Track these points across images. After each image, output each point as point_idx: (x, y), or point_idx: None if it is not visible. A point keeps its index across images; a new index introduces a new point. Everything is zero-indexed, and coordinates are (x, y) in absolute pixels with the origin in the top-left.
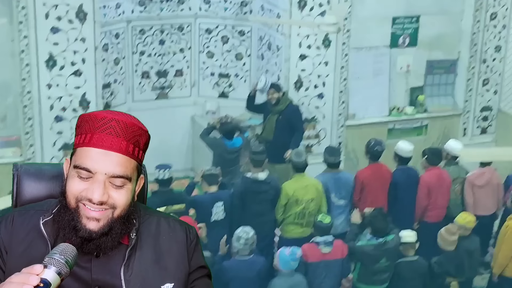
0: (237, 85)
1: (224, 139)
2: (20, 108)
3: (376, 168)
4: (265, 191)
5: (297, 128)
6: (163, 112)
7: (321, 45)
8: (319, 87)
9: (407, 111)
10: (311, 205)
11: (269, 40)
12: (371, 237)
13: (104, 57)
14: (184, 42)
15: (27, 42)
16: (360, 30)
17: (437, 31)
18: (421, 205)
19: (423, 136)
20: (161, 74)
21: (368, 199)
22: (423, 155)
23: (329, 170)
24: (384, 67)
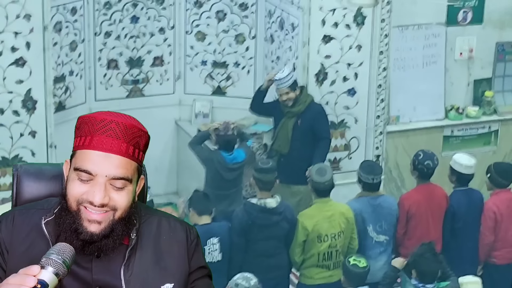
0: (237, 77)
1: (223, 152)
2: None
3: (427, 190)
4: (275, 224)
5: (322, 136)
6: (136, 115)
7: (352, 23)
8: (349, 80)
9: (470, 113)
10: (340, 241)
11: (281, 16)
12: (417, 284)
13: (57, 41)
14: (165, 19)
15: None
16: (406, 1)
17: (511, 3)
18: (486, 241)
19: (492, 146)
20: (133, 64)
21: (416, 232)
22: (487, 173)
23: (365, 193)
24: (438, 52)
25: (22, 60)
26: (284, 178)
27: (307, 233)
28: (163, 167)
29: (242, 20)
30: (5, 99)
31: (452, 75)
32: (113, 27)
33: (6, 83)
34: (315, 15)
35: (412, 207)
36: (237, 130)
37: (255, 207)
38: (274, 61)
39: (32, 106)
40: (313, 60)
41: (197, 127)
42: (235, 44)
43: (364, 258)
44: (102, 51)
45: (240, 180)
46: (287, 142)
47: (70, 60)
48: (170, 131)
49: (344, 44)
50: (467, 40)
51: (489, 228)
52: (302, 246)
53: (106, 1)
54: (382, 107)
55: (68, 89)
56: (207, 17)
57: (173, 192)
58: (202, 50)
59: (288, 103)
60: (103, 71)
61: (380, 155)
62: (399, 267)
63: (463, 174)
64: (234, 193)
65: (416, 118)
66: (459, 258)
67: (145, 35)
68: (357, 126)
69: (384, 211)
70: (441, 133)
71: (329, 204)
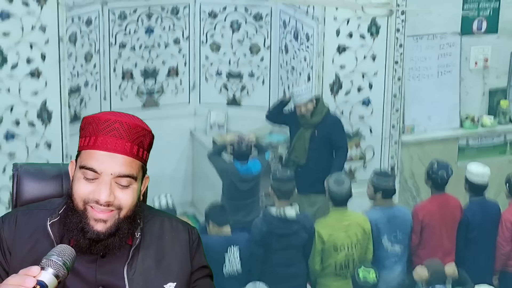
0: (252, 88)
1: (236, 163)
2: None
3: (442, 200)
4: (294, 233)
5: (340, 146)
6: (151, 125)
7: (366, 33)
8: (364, 89)
9: (485, 122)
10: (356, 251)
11: (296, 26)
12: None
13: (72, 52)
14: (180, 29)
15: None
16: (420, 11)
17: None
18: (503, 251)
19: (508, 156)
20: (149, 74)
21: (430, 242)
22: (506, 183)
23: (380, 202)
24: (453, 61)
25: (38, 71)
26: (302, 188)
27: (323, 242)
28: (178, 177)
29: (257, 31)
30: (21, 110)
31: (467, 85)
32: (128, 37)
33: (21, 94)
34: (330, 25)
35: (426, 217)
36: (255, 142)
37: (274, 217)
38: (289, 71)
39: (48, 117)
40: (327, 70)
41: (212, 137)
42: (250, 54)
43: (374, 269)
44: (117, 62)
45: (257, 190)
46: (305, 152)
47: (86, 71)
48: (185, 141)
49: (358, 54)
50: (482, 49)
51: (505, 238)
52: (321, 255)
53: (121, 12)
54: (397, 117)
55: (84, 100)
56: (222, 28)
57: (188, 202)
58: (217, 60)
59: (307, 115)
60: (118, 82)
61: (395, 165)
62: (423, 277)
63: (476, 183)
64: (250, 203)
65: (431, 128)
66: (474, 268)
67: (160, 45)
68: (372, 135)
69: (398, 221)
70: (456, 143)
71: (346, 213)
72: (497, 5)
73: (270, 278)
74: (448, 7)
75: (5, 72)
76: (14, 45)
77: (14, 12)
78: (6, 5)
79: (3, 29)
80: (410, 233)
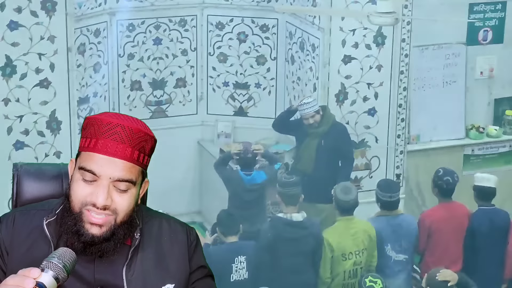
0: (258, 98)
1: (240, 172)
2: None
3: (449, 208)
4: (302, 238)
5: (346, 155)
6: (160, 135)
7: (372, 43)
8: (370, 99)
9: (491, 132)
10: (363, 258)
11: (302, 37)
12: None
13: (81, 62)
14: (188, 41)
15: None
16: (426, 21)
17: None
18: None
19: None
20: (157, 85)
21: (437, 250)
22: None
23: (384, 212)
24: (458, 71)
25: (47, 81)
26: (309, 197)
27: (332, 249)
28: (186, 187)
29: (263, 42)
30: (30, 120)
31: (472, 95)
32: (136, 48)
33: (31, 104)
34: (336, 36)
35: (433, 224)
36: (264, 153)
37: (282, 221)
38: (295, 82)
39: (57, 127)
40: (333, 80)
41: (219, 147)
42: (257, 65)
43: (381, 278)
44: (126, 73)
45: (261, 201)
46: (311, 162)
47: (94, 82)
48: (193, 151)
49: (364, 64)
50: (487, 59)
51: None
52: (331, 263)
53: (129, 23)
54: (403, 127)
55: (92, 110)
56: (229, 39)
57: (196, 212)
58: (224, 71)
59: (314, 125)
60: (127, 93)
61: (400, 174)
62: (451, 278)
63: (484, 187)
64: (255, 214)
65: (436, 137)
66: (481, 276)
67: (168, 56)
68: (377, 145)
69: (403, 231)
70: (461, 152)
71: (353, 221)
72: (503, 15)
73: (278, 285)
74: (454, 17)
75: (14, 82)
76: (23, 55)
77: (23, 22)
78: (15, 15)
79: (12, 39)
80: (415, 242)
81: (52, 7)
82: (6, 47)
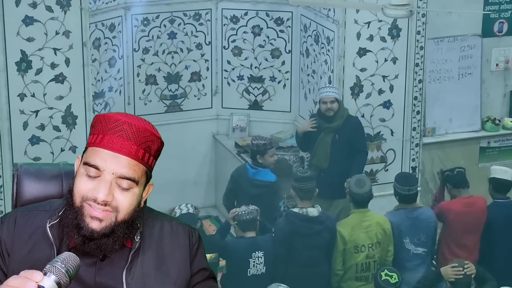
0: (273, 91)
1: (247, 164)
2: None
3: (468, 201)
4: (317, 233)
5: (360, 148)
6: (175, 129)
7: (387, 36)
8: (385, 92)
9: (507, 124)
10: (377, 252)
11: (317, 30)
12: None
13: (96, 57)
14: (202, 35)
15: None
16: (441, 14)
17: None
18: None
19: None
20: (172, 79)
21: (454, 242)
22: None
23: (403, 206)
24: (474, 63)
25: (62, 76)
26: (324, 192)
27: (345, 242)
28: (201, 181)
29: (278, 35)
30: (46, 115)
31: (488, 86)
32: (151, 43)
33: (46, 99)
34: (350, 28)
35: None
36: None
37: (297, 216)
38: (310, 75)
39: (73, 121)
40: (348, 73)
41: (234, 140)
42: (271, 58)
43: (397, 273)
44: (141, 67)
45: (268, 201)
46: (327, 157)
47: (109, 76)
48: (208, 145)
49: (379, 57)
50: (503, 51)
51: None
52: (343, 255)
53: (144, 17)
54: (418, 119)
55: (108, 104)
56: (244, 32)
57: (212, 205)
58: (239, 64)
59: (330, 113)
60: (142, 87)
61: (416, 167)
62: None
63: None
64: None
65: (452, 130)
66: (497, 269)
67: (183, 50)
68: (393, 138)
69: (422, 224)
70: (477, 145)
71: (367, 214)
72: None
73: (294, 279)
74: (469, 9)
75: (30, 77)
76: (38, 50)
77: (38, 17)
78: (30, 11)
79: (28, 34)
80: (434, 235)
81: (67, 2)
82: (22, 42)
